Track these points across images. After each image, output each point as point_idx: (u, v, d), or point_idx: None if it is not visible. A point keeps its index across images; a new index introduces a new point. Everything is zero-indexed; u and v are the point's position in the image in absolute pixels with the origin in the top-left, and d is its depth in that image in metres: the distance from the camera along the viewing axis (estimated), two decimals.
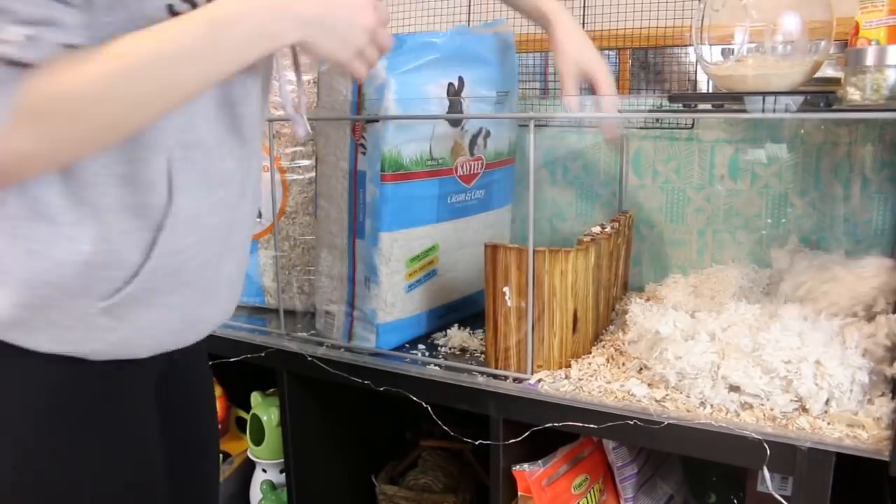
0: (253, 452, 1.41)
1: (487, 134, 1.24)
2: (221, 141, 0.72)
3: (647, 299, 1.21)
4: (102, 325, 0.68)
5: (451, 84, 1.14)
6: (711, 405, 0.90)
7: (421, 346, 1.17)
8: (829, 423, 0.85)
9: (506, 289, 1.01)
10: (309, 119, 0.83)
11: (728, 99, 0.95)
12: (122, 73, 0.59)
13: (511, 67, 1.29)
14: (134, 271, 0.68)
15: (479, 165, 1.24)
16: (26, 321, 0.66)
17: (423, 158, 1.12)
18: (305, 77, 1.06)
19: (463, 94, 1.17)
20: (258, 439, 1.39)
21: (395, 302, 1.14)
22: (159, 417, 0.81)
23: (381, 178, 1.08)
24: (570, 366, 1.04)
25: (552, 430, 0.99)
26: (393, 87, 1.06)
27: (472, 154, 1.22)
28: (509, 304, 1.01)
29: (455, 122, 1.16)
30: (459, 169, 1.19)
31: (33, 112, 0.56)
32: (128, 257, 0.67)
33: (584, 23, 1.42)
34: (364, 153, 1.09)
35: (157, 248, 0.68)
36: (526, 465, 1.03)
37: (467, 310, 1.29)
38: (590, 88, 1.13)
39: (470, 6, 1.53)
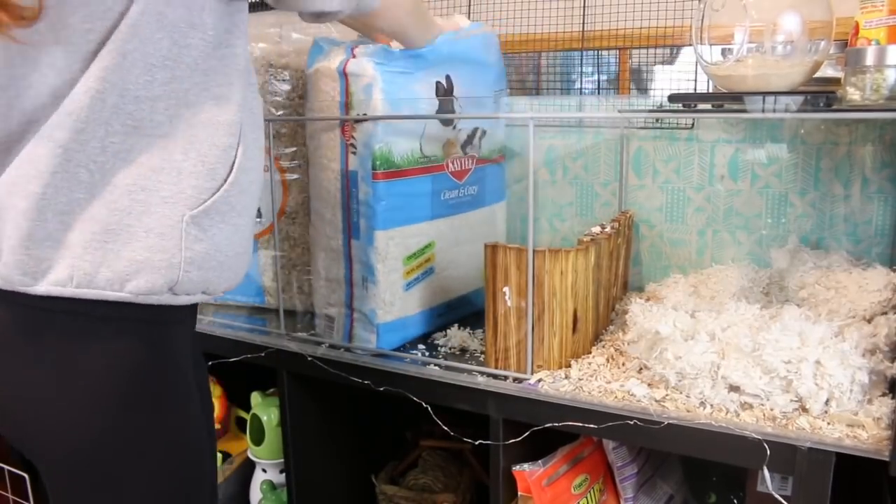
0: (253, 452, 1.41)
1: (483, 134, 1.24)
2: (254, 86, 0.82)
3: (647, 299, 1.21)
4: (191, 234, 0.74)
5: (438, 83, 1.15)
6: (711, 405, 0.90)
7: (421, 346, 1.17)
8: (829, 423, 0.85)
9: (506, 289, 1.01)
10: (305, 119, 0.89)
11: (728, 99, 0.95)
12: None
13: (498, 68, 1.30)
14: (220, 183, 0.75)
15: (471, 161, 1.24)
16: (125, 228, 0.71)
17: (415, 156, 1.13)
18: None
19: (456, 95, 1.18)
20: (258, 439, 1.39)
21: (394, 301, 1.14)
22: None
23: (372, 176, 1.08)
24: (569, 366, 1.04)
25: (552, 430, 0.99)
26: (380, 86, 1.06)
27: (465, 153, 1.23)
28: (509, 304, 1.01)
29: (447, 122, 1.16)
30: (451, 165, 1.20)
31: None
32: (219, 170, 0.75)
33: (584, 22, 1.43)
34: (355, 153, 1.09)
35: (237, 164, 0.76)
36: (526, 465, 1.03)
37: (466, 308, 1.29)
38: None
39: (470, 6, 1.53)
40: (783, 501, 0.86)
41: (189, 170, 0.73)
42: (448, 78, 1.16)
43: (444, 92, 1.16)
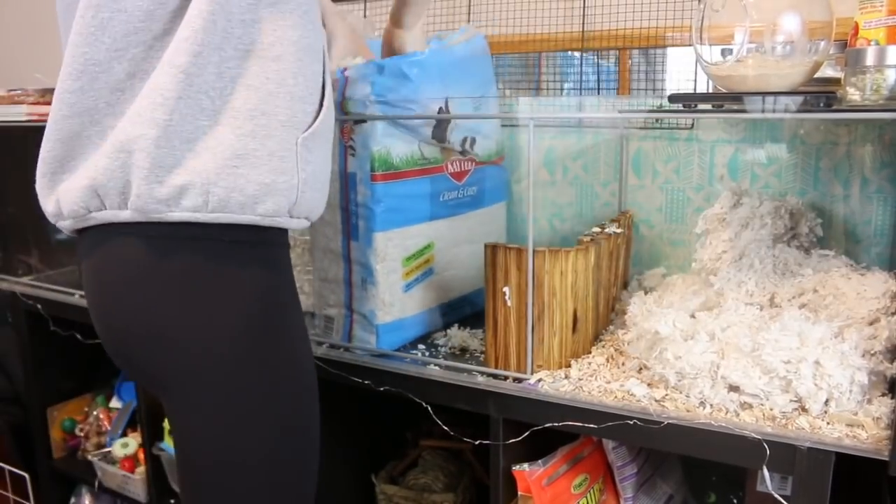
0: None
1: (473, 141, 1.25)
2: None
3: (646, 292, 1.21)
4: (304, 156, 0.78)
5: (440, 108, 1.16)
6: (711, 405, 0.90)
7: (421, 346, 1.17)
8: (828, 423, 0.85)
9: (506, 289, 1.01)
10: None
11: (728, 99, 0.95)
12: None
13: (486, 72, 1.30)
14: (318, 107, 0.80)
15: (470, 163, 1.25)
16: (252, 152, 0.74)
17: (414, 157, 1.13)
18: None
19: (453, 117, 1.19)
20: None
21: (394, 301, 1.14)
22: None
23: (371, 178, 1.08)
24: (569, 366, 1.04)
25: (552, 430, 0.99)
26: (377, 90, 1.07)
27: (462, 154, 1.23)
28: (509, 304, 1.01)
29: (441, 138, 1.17)
30: (450, 166, 1.20)
31: None
32: (317, 93, 0.80)
33: (584, 23, 1.43)
34: (353, 154, 1.10)
35: (326, 89, 0.82)
36: (526, 465, 1.03)
37: (466, 308, 1.29)
38: None
39: (470, 7, 1.53)
40: (783, 501, 0.86)
41: (299, 94, 0.77)
42: (447, 102, 1.17)
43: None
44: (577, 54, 1.45)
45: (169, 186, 0.72)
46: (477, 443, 1.08)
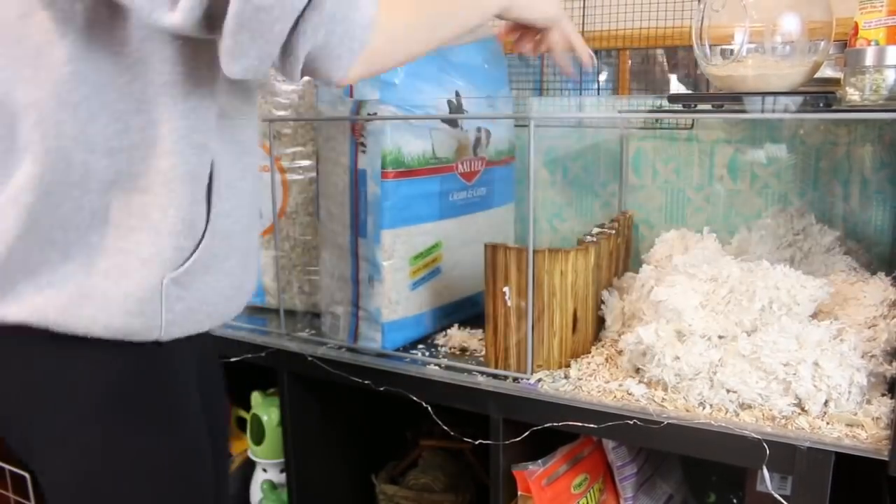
0: (253, 452, 1.41)
1: (489, 135, 1.25)
2: (239, 110, 0.75)
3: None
4: (172, 295, 0.70)
5: (449, 100, 1.16)
6: (710, 405, 0.90)
7: (421, 346, 1.17)
8: (828, 423, 0.85)
9: (506, 289, 1.01)
10: (308, 120, 0.86)
11: (728, 99, 0.95)
12: None
13: (500, 71, 1.30)
14: (200, 237, 0.70)
15: (481, 163, 1.25)
16: (101, 293, 0.67)
17: (426, 156, 1.13)
18: None
19: (466, 110, 1.18)
20: (258, 439, 1.39)
21: (400, 300, 1.14)
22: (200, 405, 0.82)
23: (381, 175, 1.08)
24: (569, 366, 1.04)
25: (552, 430, 0.99)
26: (390, 88, 1.07)
27: (475, 154, 1.23)
28: (509, 304, 1.01)
29: (455, 124, 1.17)
30: (460, 166, 1.20)
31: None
32: (196, 223, 0.70)
33: (583, 23, 1.43)
34: (364, 151, 1.09)
35: (213, 210, 0.71)
36: (526, 465, 1.03)
37: (472, 309, 1.29)
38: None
39: None
40: (783, 501, 0.86)
41: (167, 230, 0.68)
42: (457, 94, 1.16)
43: (455, 109, 1.18)
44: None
45: (10, 295, 0.67)
46: (477, 443, 1.08)
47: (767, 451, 0.84)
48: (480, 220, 1.27)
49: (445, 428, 1.13)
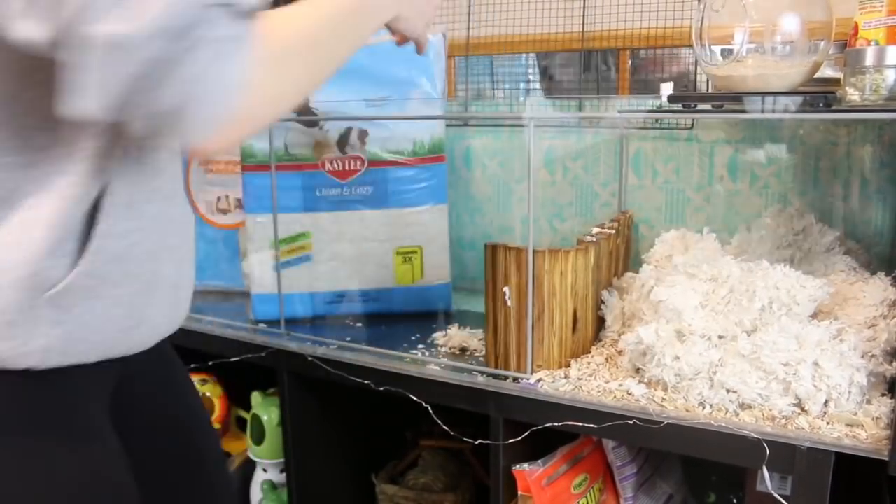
0: (253, 452, 1.41)
1: (364, 134, 1.27)
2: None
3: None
4: (47, 317, 0.64)
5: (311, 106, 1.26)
6: (710, 405, 0.91)
7: (420, 346, 1.17)
8: (828, 423, 0.85)
9: (506, 289, 1.01)
10: None
11: (728, 99, 0.95)
12: (326, 20, 0.66)
13: (410, 70, 1.29)
14: (75, 256, 0.65)
15: (359, 163, 1.29)
16: None
17: (278, 153, 1.25)
18: None
19: (315, 107, 1.26)
20: (258, 439, 1.39)
21: (264, 277, 1.29)
22: (126, 439, 0.76)
23: (242, 168, 1.28)
24: (569, 366, 1.04)
25: (552, 430, 0.99)
26: None
27: (342, 152, 1.28)
28: (509, 304, 1.01)
29: (310, 123, 1.26)
30: (328, 165, 1.28)
31: (277, 55, 0.61)
32: (67, 241, 0.64)
33: (583, 23, 1.43)
34: None
35: (98, 230, 0.65)
36: (526, 465, 1.03)
37: (380, 304, 1.35)
38: None
39: (470, 7, 1.54)
40: (782, 501, 0.86)
41: (36, 244, 0.62)
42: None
43: (304, 109, 1.25)
44: (576, 54, 1.45)
45: None
46: (477, 443, 1.08)
47: (767, 451, 0.84)
48: (366, 219, 1.31)
49: (445, 428, 1.13)
